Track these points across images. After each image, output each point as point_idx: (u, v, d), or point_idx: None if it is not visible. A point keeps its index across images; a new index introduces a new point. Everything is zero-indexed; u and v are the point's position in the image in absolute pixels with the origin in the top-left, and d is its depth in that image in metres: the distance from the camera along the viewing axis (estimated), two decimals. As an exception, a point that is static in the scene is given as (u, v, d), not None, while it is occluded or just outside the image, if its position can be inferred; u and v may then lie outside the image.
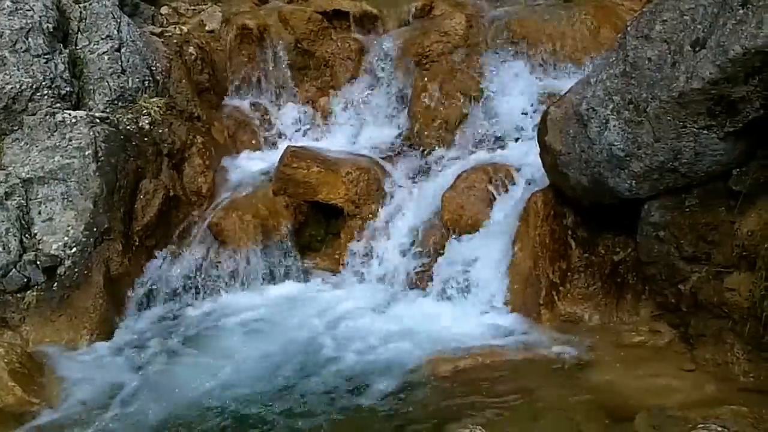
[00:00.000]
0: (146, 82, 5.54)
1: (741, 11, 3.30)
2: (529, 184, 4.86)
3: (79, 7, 5.60)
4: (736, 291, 3.66)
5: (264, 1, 7.13)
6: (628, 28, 3.91)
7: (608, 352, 4.04)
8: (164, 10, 6.54)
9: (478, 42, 5.79)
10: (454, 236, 4.83)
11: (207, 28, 6.38)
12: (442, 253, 4.83)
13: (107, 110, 5.27)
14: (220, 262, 5.05)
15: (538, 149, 4.53)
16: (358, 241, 5.20)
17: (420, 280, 4.89)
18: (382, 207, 5.31)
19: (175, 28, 6.27)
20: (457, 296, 4.68)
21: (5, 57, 4.98)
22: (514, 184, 4.95)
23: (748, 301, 3.59)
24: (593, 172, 4.10)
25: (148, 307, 4.89)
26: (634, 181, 3.93)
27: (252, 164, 5.83)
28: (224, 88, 6.25)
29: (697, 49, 3.49)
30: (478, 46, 5.78)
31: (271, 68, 6.24)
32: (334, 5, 6.41)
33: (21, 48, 5.04)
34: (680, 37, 3.60)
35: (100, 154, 4.92)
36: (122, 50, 5.52)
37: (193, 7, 6.65)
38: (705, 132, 3.59)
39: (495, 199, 4.88)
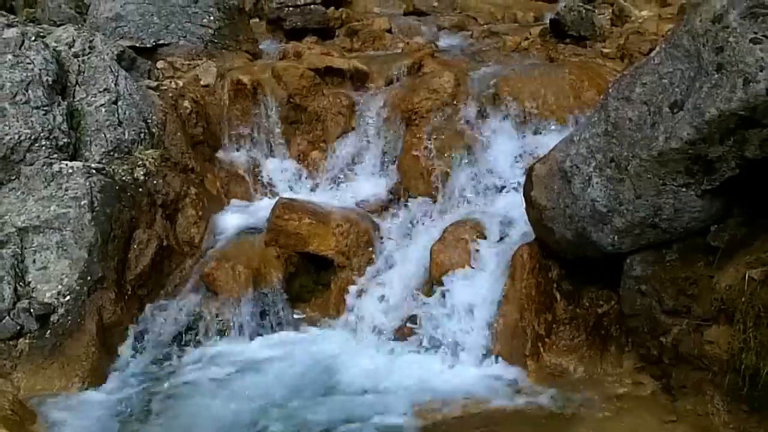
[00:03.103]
0: (142, 135, 5.65)
1: (716, 76, 3.44)
2: (515, 237, 4.94)
3: (78, 60, 5.72)
4: (715, 343, 3.71)
5: (258, 57, 7.31)
6: (610, 90, 4.02)
7: (592, 403, 4.07)
8: (160, 64, 6.68)
9: (466, 99, 5.93)
10: (441, 288, 4.86)
11: (202, 82, 6.49)
12: (430, 305, 4.86)
13: (103, 161, 5.35)
14: (211, 311, 5.08)
15: (524, 204, 4.62)
16: (347, 292, 5.24)
17: (408, 332, 4.89)
18: (371, 259, 5.37)
19: (170, 82, 6.38)
20: (444, 347, 4.71)
21: (5, 108, 5.07)
22: (500, 237, 5.03)
23: (727, 354, 3.64)
24: (577, 226, 4.19)
25: (139, 355, 4.89)
26: (616, 236, 4.02)
27: (244, 216, 5.88)
28: (218, 141, 6.33)
29: (675, 110, 3.62)
30: (466, 104, 5.92)
31: (264, 122, 6.33)
32: (327, 62, 6.56)
33: (21, 100, 5.14)
34: (659, 99, 3.73)
35: (95, 204, 4.99)
36: (119, 103, 5.64)
37: (188, 62, 6.79)
38: (684, 189, 3.70)
39: (482, 252, 4.94)
